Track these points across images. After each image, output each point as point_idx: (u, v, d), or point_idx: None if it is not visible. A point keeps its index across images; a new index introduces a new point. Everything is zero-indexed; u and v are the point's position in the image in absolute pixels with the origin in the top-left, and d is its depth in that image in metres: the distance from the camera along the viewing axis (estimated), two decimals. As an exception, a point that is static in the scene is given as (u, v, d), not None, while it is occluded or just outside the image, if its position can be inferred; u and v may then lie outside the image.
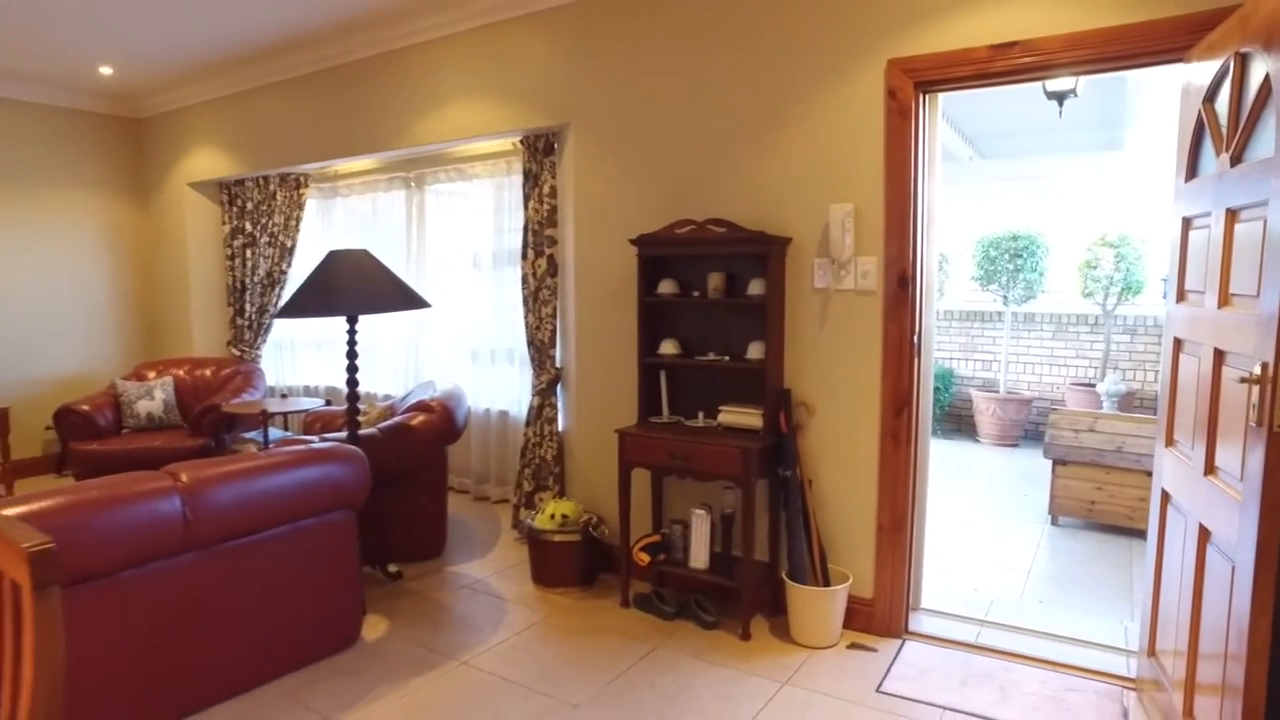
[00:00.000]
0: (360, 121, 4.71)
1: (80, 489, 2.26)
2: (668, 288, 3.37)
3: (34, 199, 5.64)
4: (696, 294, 3.40)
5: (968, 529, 4.45)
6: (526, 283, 4.05)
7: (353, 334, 3.43)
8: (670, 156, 3.50)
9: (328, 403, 4.92)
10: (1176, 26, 2.45)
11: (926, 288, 3.08)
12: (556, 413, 4.02)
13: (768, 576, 3.27)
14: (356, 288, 3.24)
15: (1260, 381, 1.69)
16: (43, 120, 5.65)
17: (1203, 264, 2.16)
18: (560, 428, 4.03)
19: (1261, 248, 1.76)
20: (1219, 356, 2.02)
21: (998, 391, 6.82)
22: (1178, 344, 2.37)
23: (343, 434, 3.63)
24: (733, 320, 3.37)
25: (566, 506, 3.61)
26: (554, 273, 3.97)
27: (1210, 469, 2.04)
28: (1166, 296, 2.48)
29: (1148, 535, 2.53)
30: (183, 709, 2.50)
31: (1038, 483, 5.31)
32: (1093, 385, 6.37)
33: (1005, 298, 6.68)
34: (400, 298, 3.32)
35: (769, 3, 3.19)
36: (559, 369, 4.03)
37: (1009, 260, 6.53)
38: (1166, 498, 2.40)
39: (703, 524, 3.22)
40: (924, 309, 3.08)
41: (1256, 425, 1.71)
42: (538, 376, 4.05)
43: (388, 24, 4.32)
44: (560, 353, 4.04)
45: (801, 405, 3.24)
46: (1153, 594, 2.48)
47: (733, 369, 3.34)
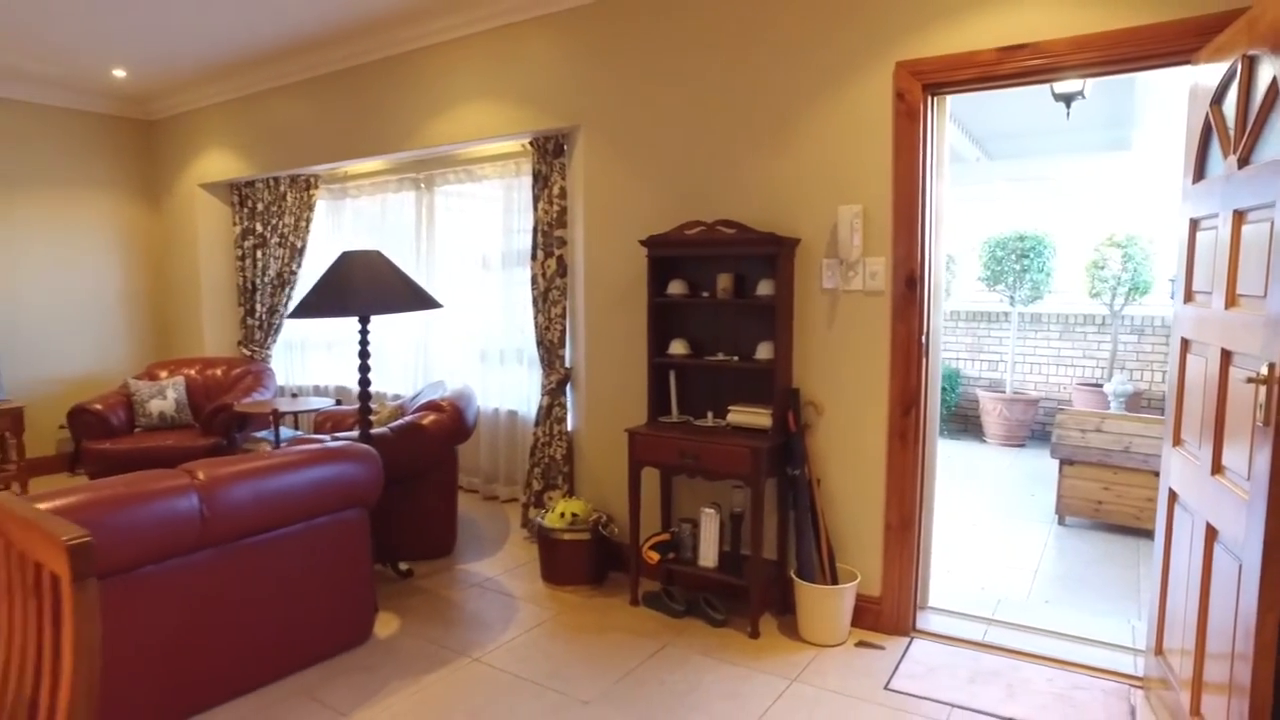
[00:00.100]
0: (370, 123, 4.74)
1: (100, 486, 2.30)
2: (677, 288, 3.40)
3: (48, 200, 5.70)
4: (706, 294, 3.42)
5: (974, 529, 4.46)
6: (536, 283, 4.08)
7: (365, 334, 3.47)
8: (679, 158, 3.53)
9: (338, 402, 4.96)
10: (1184, 29, 2.46)
11: (934, 288, 3.10)
12: (566, 412, 4.05)
13: (776, 575, 3.29)
14: (369, 288, 3.28)
15: (1267, 381, 1.71)
16: (56, 122, 5.70)
17: (1210, 265, 2.18)
18: (569, 427, 4.06)
19: (1269, 249, 1.77)
20: (1226, 357, 2.04)
21: (1004, 392, 6.83)
22: (1185, 344, 2.38)
23: (354, 433, 3.67)
24: (741, 320, 3.39)
25: (576, 505, 3.63)
26: (563, 273, 3.99)
27: (1217, 468, 2.06)
28: (1174, 297, 2.49)
29: (1155, 534, 2.55)
30: (200, 704, 2.54)
31: (1044, 483, 5.32)
32: (1100, 385, 6.37)
33: (1012, 298, 6.68)
34: (412, 298, 3.35)
35: (778, 6, 3.21)
36: (568, 369, 4.06)
37: (1016, 260, 6.54)
38: (1174, 497, 2.41)
39: (712, 523, 3.24)
40: (932, 309, 3.10)
41: (1263, 425, 1.73)
42: (547, 376, 4.08)
43: (398, 26, 4.36)
44: (569, 353, 4.07)
45: (810, 405, 3.26)
46: (1160, 593, 2.50)
47: (741, 369, 3.36)
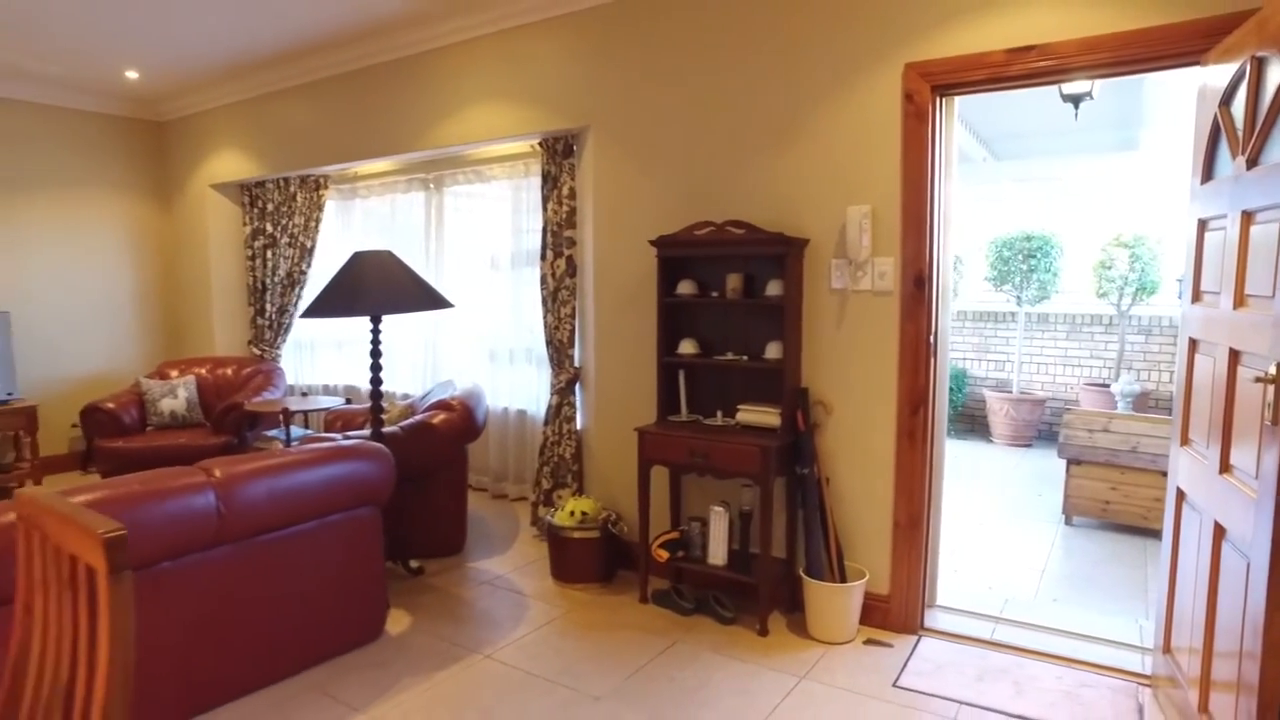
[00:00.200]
0: (380, 124, 4.77)
1: (120, 483, 2.33)
2: (687, 288, 3.42)
3: (60, 201, 5.74)
4: (715, 294, 3.44)
5: (981, 528, 4.47)
6: (545, 283, 4.11)
7: (377, 334, 3.50)
8: (689, 158, 3.55)
9: (347, 401, 5.00)
10: (1193, 30, 2.47)
11: (942, 288, 3.12)
12: (575, 411, 4.07)
13: (785, 573, 3.31)
14: (381, 288, 3.30)
15: (1275, 381, 1.72)
16: (68, 124, 5.75)
17: (1218, 265, 2.19)
18: (578, 426, 4.08)
19: (1277, 249, 1.79)
20: (1234, 356, 2.05)
21: (1011, 392, 6.83)
22: (1193, 344, 2.40)
23: (365, 432, 3.70)
24: (751, 320, 3.42)
25: (586, 504, 3.66)
26: (573, 273, 4.02)
27: (1225, 467, 2.07)
28: (1182, 297, 2.50)
29: (1163, 533, 2.56)
30: (214, 699, 2.57)
31: (1051, 483, 5.33)
32: (1107, 385, 6.37)
33: (1019, 298, 6.68)
34: (424, 298, 3.38)
35: (787, 7, 3.23)
36: (578, 368, 4.08)
37: (1023, 261, 6.54)
38: (1181, 496, 2.42)
39: (721, 521, 3.26)
40: (940, 309, 3.12)
41: (1271, 424, 1.74)
42: (556, 376, 4.10)
43: (408, 29, 4.39)
44: (579, 352, 4.09)
45: (819, 404, 3.28)
46: (1168, 591, 2.51)
47: (751, 368, 3.38)
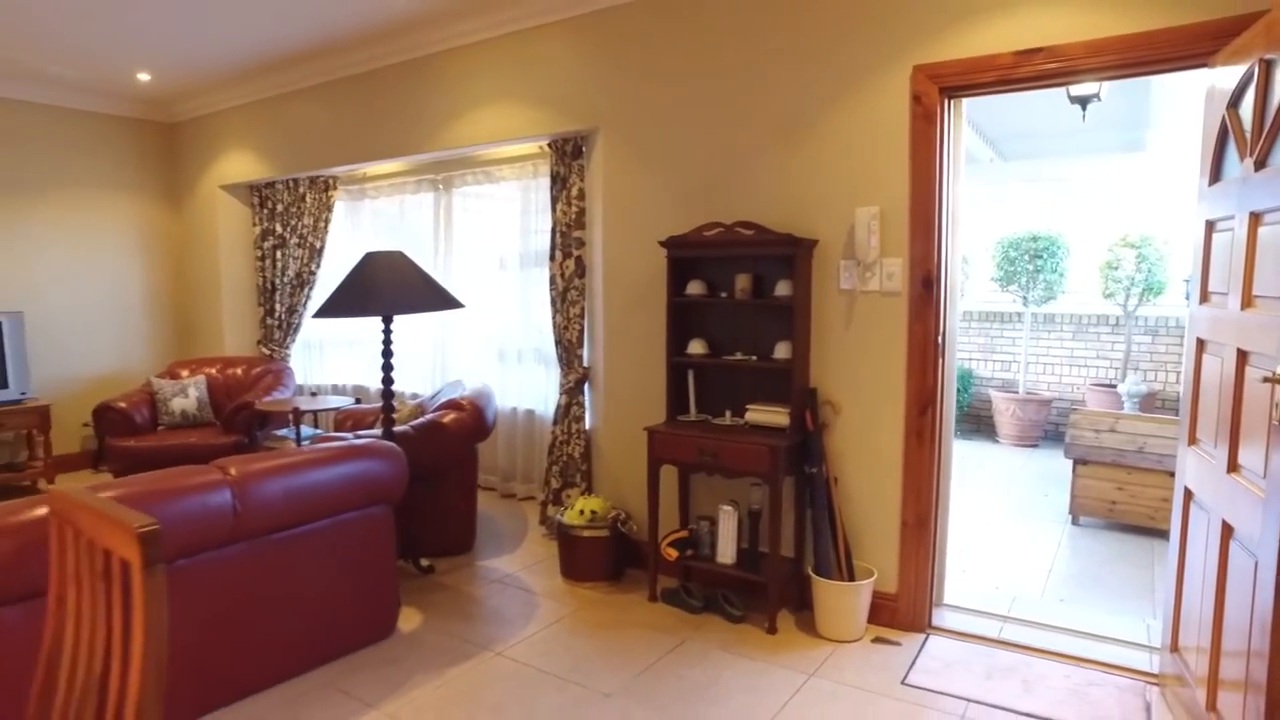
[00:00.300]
0: (390, 126, 4.80)
1: (137, 481, 2.36)
2: (696, 288, 3.44)
3: (72, 202, 5.79)
4: (724, 295, 3.47)
5: (988, 528, 4.48)
6: (555, 283, 4.13)
7: (388, 334, 3.52)
8: (698, 159, 3.57)
9: (357, 401, 5.03)
10: (1201, 32, 2.48)
11: (950, 289, 3.14)
12: (584, 411, 4.10)
13: (793, 572, 3.33)
14: (393, 288, 3.33)
15: (1283, 381, 1.74)
16: (80, 125, 5.80)
17: (1226, 266, 2.20)
18: (587, 425, 4.11)
19: (1285, 251, 1.80)
20: (1242, 357, 2.07)
21: (1017, 392, 6.84)
22: (1201, 344, 2.41)
23: (376, 431, 3.73)
24: (760, 320, 3.44)
25: (595, 503, 3.68)
26: (582, 274, 4.04)
27: (1233, 467, 2.09)
28: (1189, 298, 2.52)
29: (1170, 532, 2.57)
30: (230, 695, 2.60)
31: (1058, 483, 5.34)
32: (1113, 386, 6.38)
33: (1025, 298, 6.69)
34: (435, 298, 3.41)
35: (795, 9, 3.25)
36: (586, 368, 4.11)
37: (1029, 261, 6.55)
38: (1189, 495, 2.44)
39: (730, 520, 3.28)
40: (948, 309, 3.13)
41: (1279, 424, 1.76)
42: (565, 375, 4.13)
43: (418, 30, 4.42)
44: (588, 352, 4.12)
45: (827, 404, 3.30)
46: (1175, 590, 2.53)
47: (760, 368, 3.41)
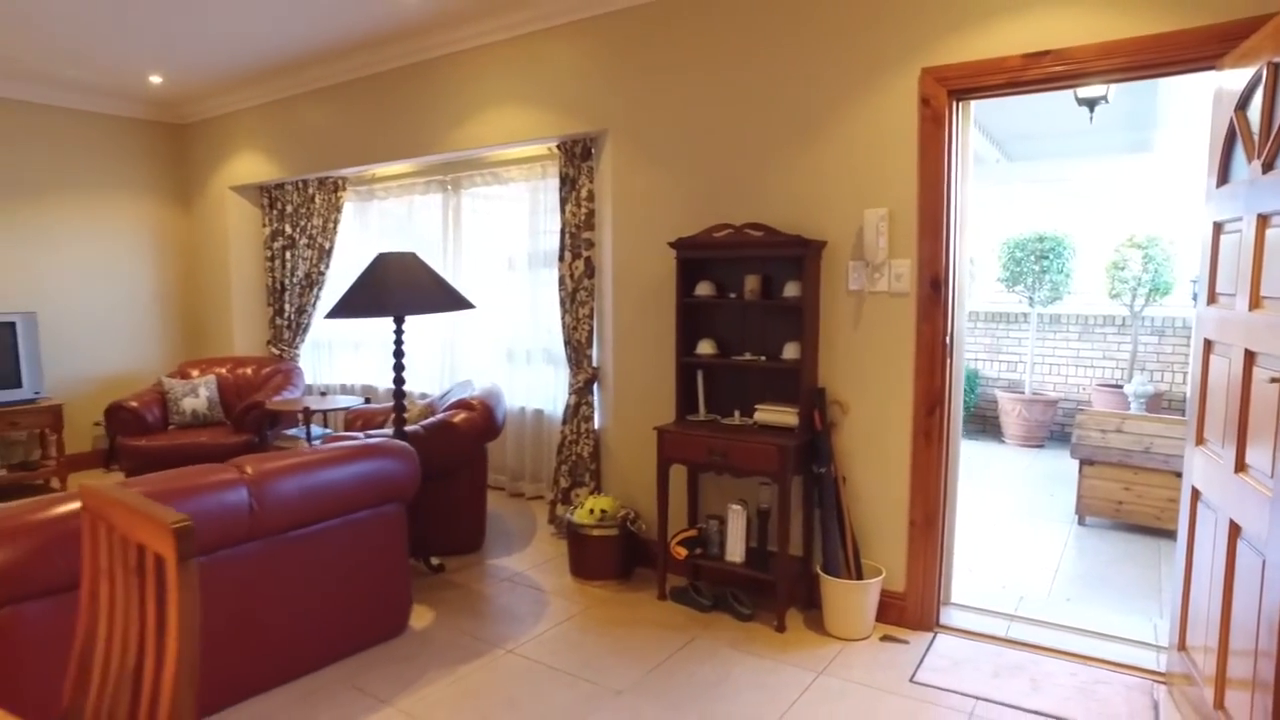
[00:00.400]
0: (399, 127, 4.84)
1: (156, 480, 2.39)
2: (705, 289, 3.47)
3: (83, 203, 5.84)
4: (733, 295, 3.49)
5: (994, 528, 4.50)
6: (564, 284, 4.16)
7: (399, 334, 3.56)
8: (707, 162, 3.59)
9: (366, 400, 5.06)
10: (1209, 35, 2.50)
11: (958, 289, 3.16)
12: (593, 410, 4.12)
13: (802, 571, 3.35)
14: (405, 289, 3.36)
15: (1291, 381, 1.76)
16: (93, 127, 5.85)
17: (1234, 267, 2.22)
18: (596, 425, 4.13)
19: (1292, 253, 1.82)
20: (1250, 358, 2.09)
21: (1023, 392, 6.85)
22: (1208, 345, 2.43)
23: (387, 430, 3.76)
24: (769, 321, 3.46)
25: (605, 502, 3.71)
26: (591, 274, 4.07)
27: (1241, 466, 2.11)
28: (1197, 299, 2.54)
29: (1178, 531, 2.59)
30: (245, 691, 2.63)
31: (1064, 483, 5.35)
32: (1119, 386, 6.38)
33: (1031, 299, 6.70)
34: (447, 299, 3.44)
35: (804, 13, 3.28)
36: (596, 368, 4.14)
37: (1035, 261, 6.56)
38: (1196, 495, 2.46)
39: (739, 519, 3.31)
40: (956, 310, 3.15)
41: (1287, 424, 1.78)
42: (575, 375, 4.16)
43: (428, 33, 4.45)
44: (597, 352, 4.14)
45: (836, 404, 3.32)
46: (1183, 589, 2.54)
47: (768, 368, 3.43)
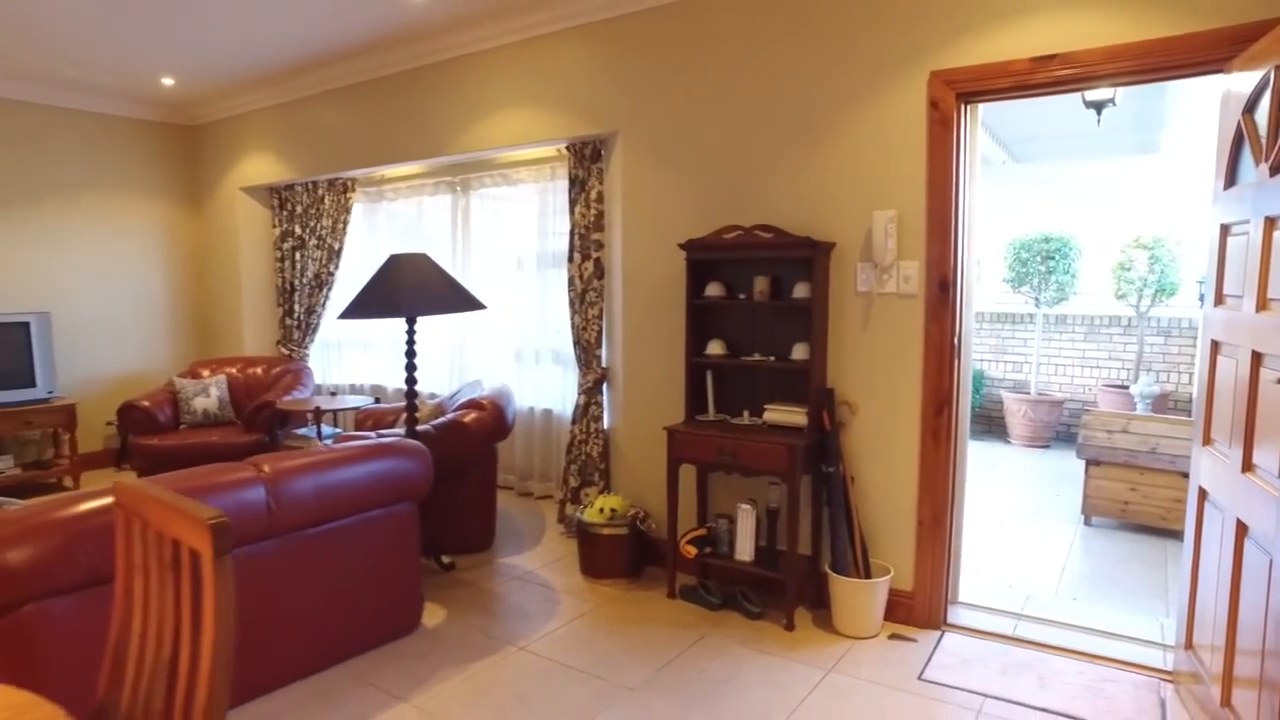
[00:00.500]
0: (409, 129, 4.87)
1: (175, 479, 2.43)
2: (715, 290, 3.49)
3: (95, 204, 5.89)
4: (743, 296, 3.52)
5: (1001, 528, 4.52)
6: (573, 285, 4.19)
7: (411, 335, 3.59)
8: (717, 163, 3.62)
9: (376, 400, 5.10)
10: (1217, 39, 2.52)
11: (966, 291, 3.18)
12: (602, 410, 4.15)
13: (811, 569, 3.38)
14: (417, 290, 3.40)
15: (1298, 382, 1.78)
16: (104, 129, 5.89)
17: (1241, 269, 2.24)
18: (605, 425, 4.16)
19: (1299, 256, 1.84)
20: (1256, 359, 2.11)
21: (1029, 393, 6.86)
22: (1215, 346, 2.45)
23: (399, 430, 3.79)
24: (778, 322, 3.49)
25: (614, 501, 3.74)
26: (600, 275, 4.10)
27: (1248, 466, 2.13)
28: (1203, 300, 2.56)
29: (1185, 530, 2.61)
30: (261, 686, 2.67)
31: (1070, 483, 5.37)
32: (1125, 387, 6.40)
33: (1037, 300, 6.71)
34: (458, 299, 3.47)
35: (814, 16, 3.30)
36: (605, 368, 4.17)
37: (1041, 262, 6.57)
38: (1204, 494, 2.48)
39: (748, 518, 3.34)
40: (964, 311, 3.18)
41: (1294, 424, 1.80)
42: (584, 376, 4.19)
43: (438, 36, 4.48)
44: (606, 352, 4.17)
45: (844, 404, 3.35)
46: (1190, 588, 2.56)
47: (777, 369, 3.46)
